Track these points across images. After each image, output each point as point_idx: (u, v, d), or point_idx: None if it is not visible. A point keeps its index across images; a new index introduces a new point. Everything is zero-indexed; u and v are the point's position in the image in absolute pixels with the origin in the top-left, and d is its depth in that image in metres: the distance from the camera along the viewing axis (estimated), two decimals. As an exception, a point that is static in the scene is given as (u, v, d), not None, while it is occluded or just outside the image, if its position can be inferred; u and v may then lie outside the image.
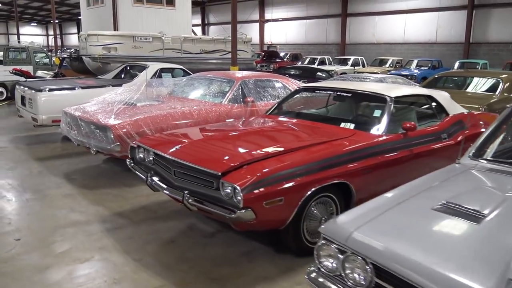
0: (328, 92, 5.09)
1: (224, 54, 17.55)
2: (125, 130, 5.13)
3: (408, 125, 3.89)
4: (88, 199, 4.95)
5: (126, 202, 4.85)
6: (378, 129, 3.99)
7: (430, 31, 23.59)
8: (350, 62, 22.89)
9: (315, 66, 20.93)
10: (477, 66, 18.26)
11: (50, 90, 7.32)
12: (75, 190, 5.25)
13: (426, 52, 23.68)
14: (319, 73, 14.05)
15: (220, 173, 3.14)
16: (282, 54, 27.62)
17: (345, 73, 17.74)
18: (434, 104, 4.74)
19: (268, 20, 32.36)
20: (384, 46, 25.58)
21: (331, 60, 24.81)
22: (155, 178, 3.82)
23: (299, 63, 24.99)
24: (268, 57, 26.00)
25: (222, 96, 6.32)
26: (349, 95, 4.74)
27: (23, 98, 7.82)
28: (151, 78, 8.47)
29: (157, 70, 8.63)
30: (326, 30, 28.79)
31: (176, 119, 5.54)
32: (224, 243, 3.83)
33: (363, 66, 23.17)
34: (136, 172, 4.19)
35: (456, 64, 18.80)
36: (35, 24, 63.71)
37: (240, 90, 6.32)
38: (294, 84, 7.14)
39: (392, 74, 15.27)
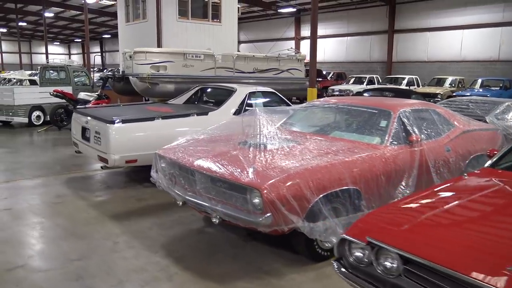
0: None
1: (277, 73, 15.85)
2: (279, 192, 3.31)
3: None
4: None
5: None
6: None
7: (492, 47, 21.64)
8: (404, 82, 21.01)
9: (404, 87, 19.22)
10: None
11: (125, 121, 5.58)
12: (194, 282, 3.41)
13: (486, 70, 21.69)
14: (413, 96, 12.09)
15: None
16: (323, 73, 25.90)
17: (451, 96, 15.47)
18: None
19: (304, 38, 30.78)
20: (437, 65, 23.66)
21: (379, 79, 22.98)
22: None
23: (345, 84, 23.22)
24: (310, 76, 24.22)
25: (376, 133, 4.49)
26: None
27: (84, 130, 6.09)
28: (240, 105, 6.73)
29: (246, 94, 6.86)
30: (370, 47, 27.06)
31: (340, 172, 3.69)
32: None
33: (418, 85, 21.28)
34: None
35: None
36: (58, 43, 63.46)
37: (400, 125, 4.50)
38: (452, 115, 5.31)
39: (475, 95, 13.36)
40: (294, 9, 28.34)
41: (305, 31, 31.09)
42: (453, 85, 19.75)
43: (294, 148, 4.09)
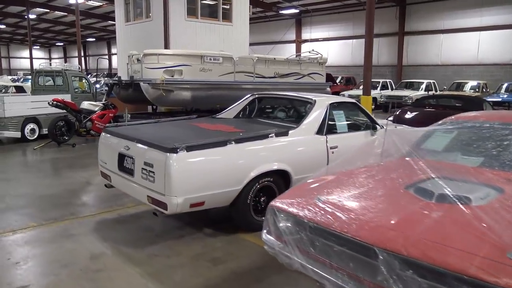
0: None
1: (299, 78, 14.28)
2: None
3: None
4: None
5: None
6: None
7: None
8: (423, 86, 19.74)
9: (422, 92, 17.87)
10: None
11: (190, 148, 3.90)
12: None
13: (506, 74, 20.61)
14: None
15: None
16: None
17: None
18: None
19: (306, 40, 29.36)
20: (452, 68, 22.52)
21: (393, 84, 21.70)
22: None
23: (355, 89, 21.83)
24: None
25: None
26: None
27: (123, 158, 4.38)
28: (322, 121, 5.12)
29: (327, 107, 5.24)
30: (378, 50, 25.72)
31: None
32: None
33: (435, 90, 20.05)
34: None
35: None
36: (38, 47, 60.50)
37: None
38: None
39: None
40: (297, 10, 26.89)
41: (306, 34, 29.72)
42: (477, 90, 18.57)
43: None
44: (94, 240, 4.28)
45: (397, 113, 9.63)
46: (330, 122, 5.19)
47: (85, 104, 10.37)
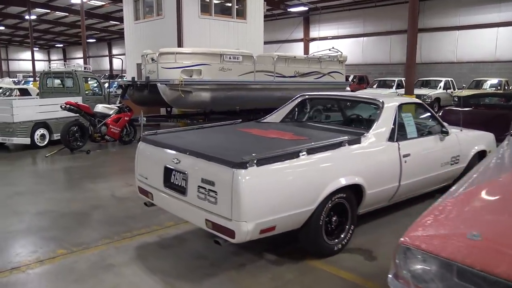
0: None
1: (319, 77, 13.58)
2: None
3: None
4: None
5: None
6: None
7: (532, 46, 19.96)
8: (441, 85, 19.06)
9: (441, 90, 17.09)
10: None
11: (261, 162, 3.20)
12: None
13: (527, 71, 19.98)
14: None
15: None
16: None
17: None
18: None
19: (314, 39, 28.67)
20: (468, 66, 21.84)
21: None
22: None
23: (369, 88, 21.17)
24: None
25: None
26: None
27: (170, 173, 3.68)
28: (393, 125, 4.42)
29: (396, 109, 4.53)
30: (390, 48, 25.12)
31: None
32: None
33: (454, 89, 19.38)
34: None
35: None
36: (37, 48, 59.57)
37: None
38: None
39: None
40: (306, 8, 26.19)
41: (315, 32, 29.02)
42: (498, 87, 17.90)
43: None
44: (139, 272, 3.57)
45: (440, 114, 8.92)
46: (399, 127, 4.51)
47: (99, 107, 9.66)
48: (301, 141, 3.96)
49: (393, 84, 20.18)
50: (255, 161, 3.15)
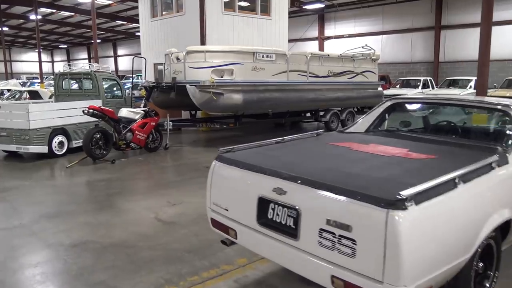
0: None
1: (352, 77, 12.63)
2: None
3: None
4: None
5: None
6: None
7: None
8: (471, 84, 18.06)
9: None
10: None
11: (420, 198, 2.24)
12: None
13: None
14: None
15: None
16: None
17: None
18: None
19: (330, 37, 27.70)
20: (497, 64, 20.79)
21: (433, 82, 20.02)
22: None
23: (392, 88, 20.19)
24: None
25: None
26: None
27: (267, 206, 2.73)
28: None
29: None
30: (411, 46, 24.11)
31: None
32: None
33: (484, 88, 18.36)
34: None
35: None
36: (40, 49, 58.59)
37: None
38: None
39: None
40: (322, 5, 25.20)
41: (330, 30, 28.05)
42: (535, 87, 16.89)
43: None
44: None
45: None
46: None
47: (124, 112, 8.73)
48: (436, 161, 3.00)
49: (418, 83, 19.19)
50: (413, 198, 2.20)
